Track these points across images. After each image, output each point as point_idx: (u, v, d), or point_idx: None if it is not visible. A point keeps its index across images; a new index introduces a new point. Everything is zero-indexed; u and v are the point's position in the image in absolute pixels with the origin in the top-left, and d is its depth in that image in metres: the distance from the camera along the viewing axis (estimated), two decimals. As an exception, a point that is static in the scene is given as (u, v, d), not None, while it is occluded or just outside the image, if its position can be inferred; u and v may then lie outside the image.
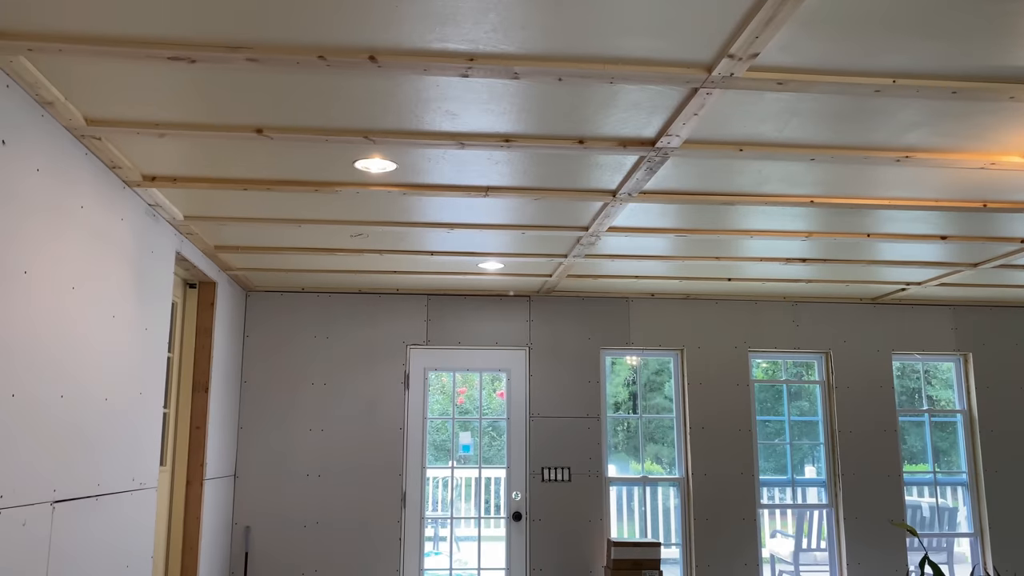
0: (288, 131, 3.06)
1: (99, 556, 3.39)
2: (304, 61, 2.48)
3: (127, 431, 3.68)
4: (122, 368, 3.61)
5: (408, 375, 6.18)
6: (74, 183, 3.08)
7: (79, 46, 2.38)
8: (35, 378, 2.79)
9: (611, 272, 5.56)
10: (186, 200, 3.93)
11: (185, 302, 5.10)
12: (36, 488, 2.82)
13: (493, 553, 6.32)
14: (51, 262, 2.89)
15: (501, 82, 2.67)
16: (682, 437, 6.37)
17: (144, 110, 2.89)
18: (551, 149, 3.19)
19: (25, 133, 2.69)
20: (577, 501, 6.11)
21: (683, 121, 2.92)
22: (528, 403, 6.22)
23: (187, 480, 4.91)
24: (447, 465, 6.43)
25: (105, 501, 3.44)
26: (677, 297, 6.44)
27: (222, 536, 5.52)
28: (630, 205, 3.97)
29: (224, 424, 5.48)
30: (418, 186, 3.72)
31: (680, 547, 6.24)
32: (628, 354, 6.53)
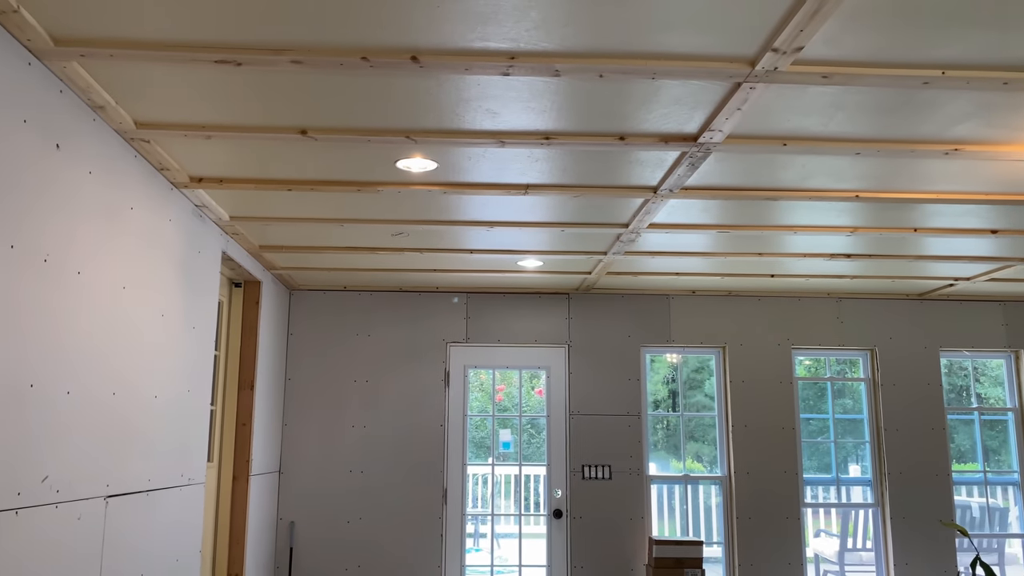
0: (331, 132, 3.10)
1: (150, 550, 3.47)
2: (347, 62, 2.51)
3: (176, 428, 3.76)
4: (171, 366, 3.69)
5: (448, 372, 6.22)
6: (124, 185, 3.15)
7: (129, 51, 2.44)
8: (89, 376, 2.87)
9: (651, 269, 5.52)
10: (232, 201, 3.99)
11: (231, 301, 5.19)
12: (90, 483, 2.90)
13: (534, 550, 6.33)
14: (103, 263, 2.97)
15: (542, 80, 2.67)
16: (724, 435, 6.31)
17: (191, 113, 2.95)
18: (591, 146, 3.19)
19: (78, 137, 2.76)
20: (618, 499, 6.10)
21: (726, 116, 2.89)
22: (568, 401, 6.21)
23: (233, 476, 5.00)
24: (487, 462, 6.46)
25: (155, 496, 3.52)
26: (719, 294, 6.38)
27: (267, 531, 5.61)
28: (671, 201, 3.94)
29: (269, 421, 5.57)
30: (458, 185, 3.74)
31: (722, 546, 6.19)
32: (669, 352, 6.49)
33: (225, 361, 5.07)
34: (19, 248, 2.41)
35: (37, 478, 2.53)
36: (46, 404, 2.57)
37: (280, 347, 5.89)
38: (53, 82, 2.59)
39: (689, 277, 5.74)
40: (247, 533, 5.01)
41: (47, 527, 2.60)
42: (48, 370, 2.58)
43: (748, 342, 6.35)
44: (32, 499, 2.50)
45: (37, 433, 2.52)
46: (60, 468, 2.67)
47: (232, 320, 5.17)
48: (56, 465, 2.65)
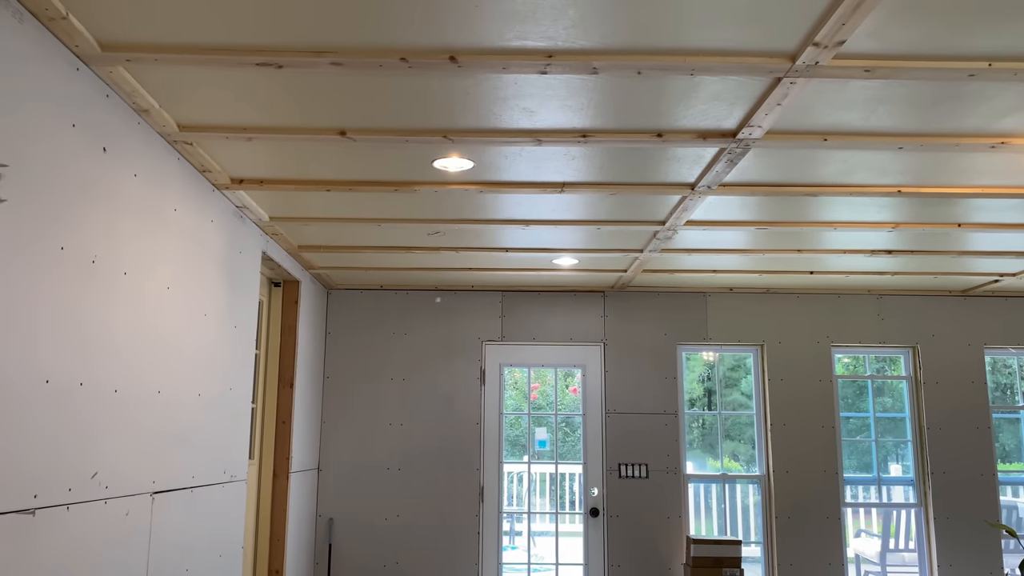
0: (370, 132, 3.12)
1: (195, 545, 3.53)
2: (386, 63, 2.53)
3: (219, 425, 3.82)
4: (213, 364, 3.75)
5: (484, 371, 6.24)
6: (167, 187, 3.21)
7: (173, 55, 2.48)
8: (135, 374, 2.93)
9: (688, 266, 5.49)
10: (271, 201, 4.05)
11: (271, 300, 5.25)
12: (137, 479, 2.96)
13: (570, 548, 6.33)
14: (148, 263, 3.03)
15: (579, 78, 2.67)
16: (762, 434, 6.25)
17: (233, 115, 2.99)
18: (628, 143, 3.18)
19: (123, 140, 2.82)
20: (655, 498, 6.07)
21: (765, 112, 2.86)
22: (604, 399, 6.20)
23: (274, 473, 5.07)
24: (521, 460, 6.46)
25: (199, 493, 3.58)
26: (757, 291, 6.32)
27: (307, 528, 5.68)
28: (709, 198, 3.91)
29: (308, 419, 5.63)
30: (494, 183, 3.75)
31: (761, 545, 6.13)
32: (706, 350, 6.44)
33: (265, 360, 5.14)
34: (68, 250, 2.46)
35: (87, 474, 2.59)
36: (95, 402, 2.63)
37: (318, 346, 5.96)
38: (100, 87, 2.64)
39: (726, 274, 5.70)
40: (287, 529, 5.07)
41: (97, 522, 2.66)
42: (96, 369, 2.64)
43: (787, 340, 6.28)
44: (82, 495, 2.56)
45: (86, 430, 2.58)
46: (108, 465, 2.73)
47: (272, 319, 5.23)
48: (105, 462, 2.71)
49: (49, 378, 2.36)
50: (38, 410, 2.31)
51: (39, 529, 2.32)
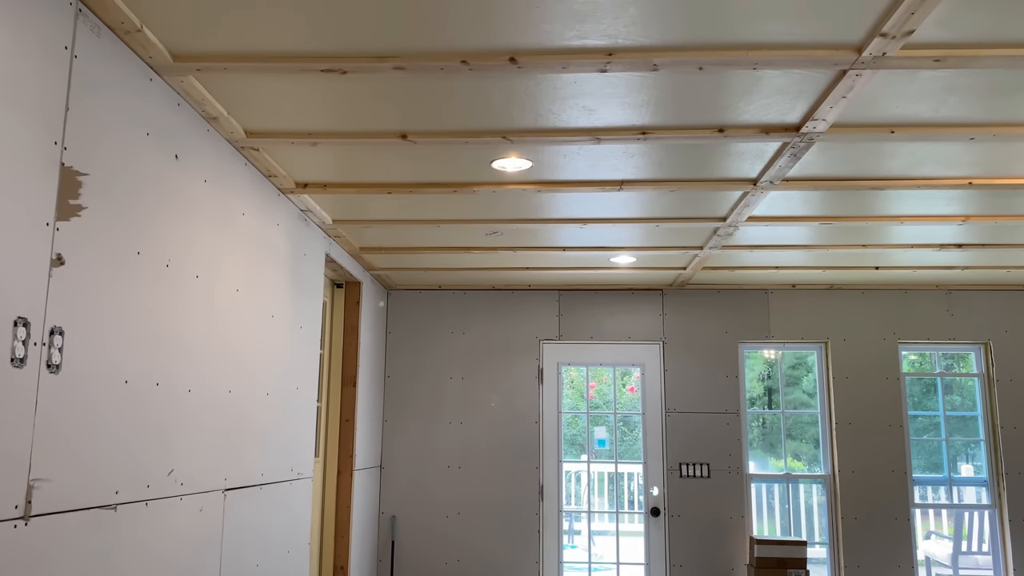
0: (430, 135, 3.16)
1: (264, 541, 3.62)
2: (447, 67, 2.55)
3: (286, 423, 3.91)
4: (281, 364, 3.84)
5: (542, 370, 6.25)
6: (236, 192, 3.30)
7: (241, 63, 2.55)
8: (207, 374, 3.02)
9: (749, 263, 5.41)
10: (334, 205, 4.12)
11: (333, 301, 5.35)
12: (210, 476, 3.05)
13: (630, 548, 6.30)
14: (218, 266, 3.12)
15: (639, 75, 2.66)
16: (827, 433, 6.13)
17: (298, 121, 3.06)
18: (689, 139, 3.15)
19: (194, 147, 2.91)
20: (717, 497, 6.00)
21: (830, 105, 2.81)
22: (663, 398, 6.15)
23: (338, 470, 5.16)
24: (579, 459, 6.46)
25: (268, 490, 3.67)
26: (820, 288, 6.20)
27: (370, 525, 5.77)
28: (771, 193, 3.86)
29: (370, 417, 5.72)
30: (552, 183, 3.76)
31: (826, 547, 6.02)
32: (768, 347, 6.34)
33: (329, 359, 5.24)
34: (144, 255, 2.55)
35: (163, 471, 2.68)
36: (170, 401, 2.72)
37: (379, 345, 6.05)
38: (171, 96, 2.73)
39: (789, 271, 5.60)
40: (352, 526, 5.16)
41: (173, 518, 2.75)
42: (171, 369, 2.73)
43: (852, 337, 6.15)
44: (159, 491, 2.65)
45: (162, 429, 2.67)
46: (183, 462, 2.82)
47: (335, 320, 5.33)
48: (180, 459, 2.80)
49: (128, 379, 2.45)
50: (118, 410, 2.40)
51: (120, 524, 2.41)
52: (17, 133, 1.95)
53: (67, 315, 2.14)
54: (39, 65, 2.04)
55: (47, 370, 2.06)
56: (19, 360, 1.95)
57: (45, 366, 2.05)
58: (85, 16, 2.23)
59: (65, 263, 2.14)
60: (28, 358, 1.98)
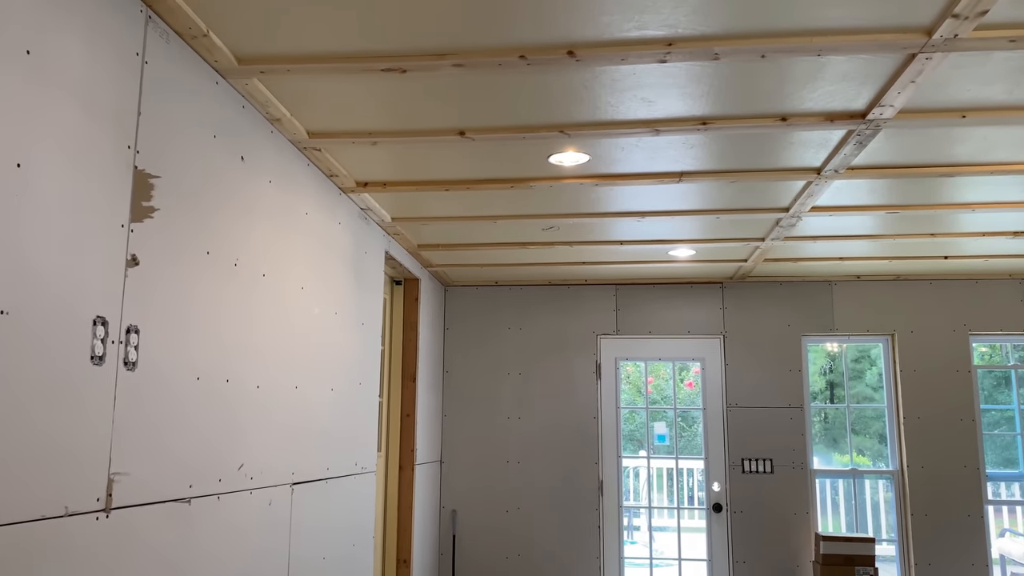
0: (487, 131, 3.17)
1: (331, 534, 3.69)
2: (506, 62, 2.56)
3: (350, 419, 3.98)
4: (344, 361, 3.90)
5: (599, 365, 6.22)
6: (299, 192, 3.36)
7: (304, 65, 2.59)
8: (275, 371, 3.08)
9: (812, 255, 5.30)
10: (393, 203, 4.17)
11: (392, 298, 5.42)
12: (278, 471, 3.11)
13: (691, 544, 6.24)
14: (284, 265, 3.18)
15: (699, 64, 2.63)
16: (895, 427, 5.97)
17: (358, 121, 3.10)
18: (750, 129, 3.10)
19: (258, 149, 2.97)
20: (781, 493, 5.90)
21: (898, 90, 2.73)
22: (724, 392, 6.07)
23: (400, 465, 5.22)
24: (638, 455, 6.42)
25: (334, 484, 3.73)
26: (886, 279, 6.04)
27: (432, 519, 5.82)
28: (836, 182, 3.77)
29: (430, 412, 5.78)
30: (610, 176, 3.74)
31: (895, 544, 5.87)
32: (831, 341, 6.20)
33: (389, 356, 5.30)
34: (213, 254, 2.62)
35: (234, 466, 2.74)
36: (240, 397, 2.79)
37: (437, 341, 6.10)
38: (236, 98, 2.79)
39: (853, 262, 5.47)
40: (414, 520, 5.22)
41: (243, 511, 2.81)
42: (241, 366, 2.79)
43: (920, 329, 5.97)
44: (231, 485, 2.72)
45: (233, 424, 2.74)
46: (253, 457, 2.89)
47: (394, 316, 5.39)
48: (249, 454, 2.86)
49: (200, 375, 2.51)
50: (191, 406, 2.47)
51: (194, 516, 2.48)
52: (95, 139, 2.02)
53: (142, 314, 2.21)
54: (113, 72, 2.10)
55: (124, 367, 2.13)
56: (98, 358, 2.02)
57: (122, 363, 2.12)
58: (155, 23, 2.29)
59: (139, 263, 2.20)
60: (107, 356, 2.05)
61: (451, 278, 6.14)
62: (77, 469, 1.93)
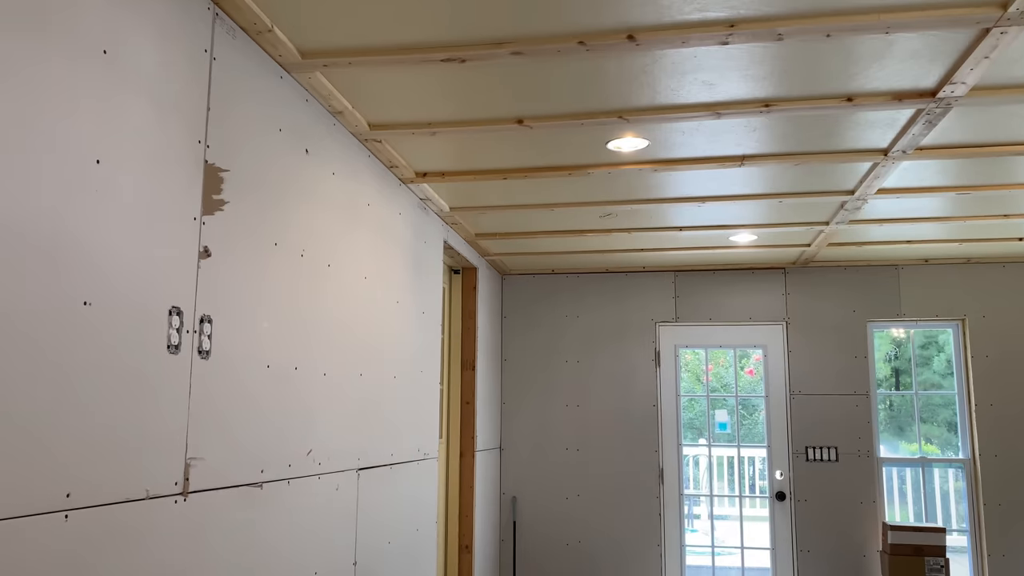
0: (546, 119, 3.17)
1: (395, 519, 3.75)
2: (564, 48, 2.55)
3: (412, 406, 4.03)
4: (406, 349, 3.95)
5: (659, 352, 6.18)
6: (361, 183, 3.41)
7: (365, 57, 2.63)
8: (340, 359, 3.14)
9: (878, 238, 5.17)
10: (451, 192, 4.20)
11: (451, 287, 5.46)
12: (345, 457, 3.18)
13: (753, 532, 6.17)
14: (347, 255, 3.23)
15: (762, 45, 2.58)
16: (966, 415, 5.80)
17: (418, 112, 3.13)
18: (815, 110, 3.03)
19: (321, 141, 3.02)
20: (846, 481, 5.79)
21: (970, 66, 2.65)
22: (788, 380, 5.97)
23: (460, 452, 5.28)
24: (697, 443, 6.36)
25: (397, 470, 3.79)
26: (956, 262, 5.86)
27: (492, 505, 5.88)
28: (903, 163, 3.67)
29: (489, 400, 5.82)
30: (669, 161, 3.70)
31: (966, 534, 5.71)
32: (898, 326, 6.05)
33: (448, 344, 5.35)
34: (280, 245, 2.68)
35: (303, 452, 2.81)
36: (307, 385, 2.85)
37: (495, 329, 6.13)
38: (300, 92, 2.84)
39: (921, 245, 5.32)
40: (475, 506, 5.27)
41: (312, 495, 2.88)
42: (308, 354, 2.86)
43: (992, 313, 5.78)
44: (300, 471, 2.79)
45: (301, 411, 2.81)
46: (320, 443, 2.96)
47: (452, 305, 5.44)
48: (317, 440, 2.93)
49: (270, 363, 2.58)
50: (262, 393, 2.53)
51: (266, 500, 2.55)
52: (168, 135, 2.08)
53: (214, 304, 2.28)
54: (183, 69, 2.16)
55: (198, 356, 2.20)
56: (174, 347, 2.09)
57: (197, 352, 2.19)
58: (221, 20, 2.35)
59: (211, 255, 2.27)
60: (182, 345, 2.12)
61: (508, 267, 6.16)
62: (156, 454, 2.01)
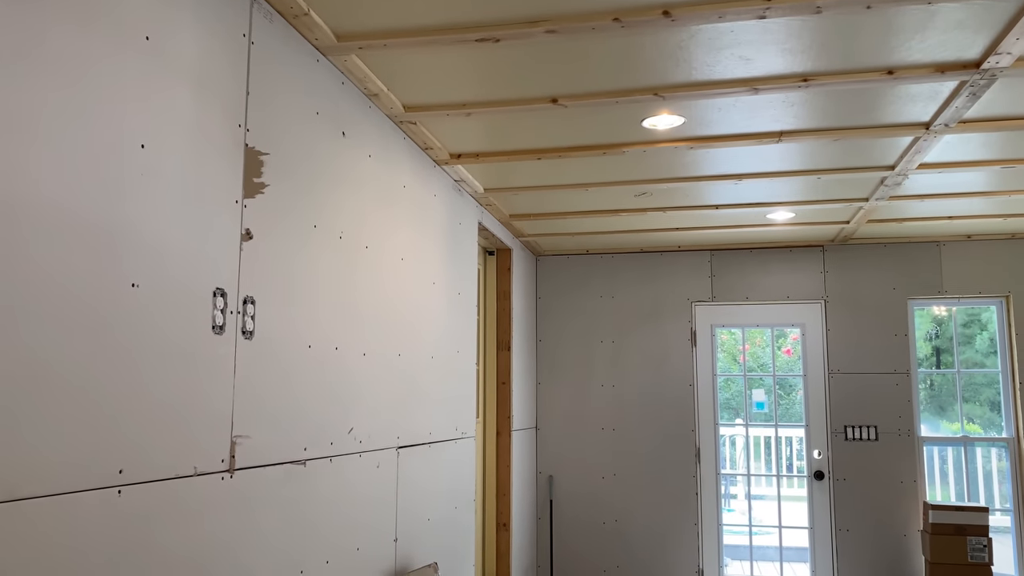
0: (580, 97, 3.16)
1: (434, 496, 3.80)
2: (599, 26, 2.54)
3: (449, 385, 4.07)
4: (443, 329, 3.98)
5: (695, 332, 6.15)
6: (397, 165, 3.43)
7: (400, 39, 2.64)
8: (379, 339, 3.18)
9: (919, 214, 5.08)
10: (485, 174, 4.21)
11: (485, 268, 5.48)
12: (385, 435, 3.22)
13: (791, 512, 6.14)
14: (384, 237, 3.26)
15: (800, 19, 2.54)
16: (1010, 393, 5.71)
17: (452, 93, 3.13)
18: (854, 84, 2.99)
19: (358, 124, 3.05)
20: (886, 461, 5.74)
21: (1016, 36, 2.58)
22: (826, 358, 5.92)
23: (497, 431, 5.32)
24: (734, 423, 6.33)
25: (436, 448, 3.84)
26: (1000, 237, 5.74)
27: (528, 484, 5.92)
28: (946, 137, 3.60)
29: (524, 380, 5.85)
30: (705, 138, 3.67)
31: (1010, 514, 5.63)
32: (940, 303, 5.96)
33: (483, 325, 5.38)
34: (319, 227, 2.71)
35: (344, 430, 2.86)
36: (347, 365, 2.90)
37: (530, 310, 6.15)
38: (336, 75, 2.87)
39: (964, 220, 5.22)
40: (512, 485, 5.32)
41: (353, 473, 2.93)
42: (348, 335, 2.90)
43: (1038, 290, 5.66)
44: (341, 448, 2.84)
45: (341, 390, 2.85)
46: (361, 421, 3.00)
47: (487, 286, 5.46)
48: (358, 419, 2.98)
49: (311, 344, 2.62)
50: (303, 373, 2.58)
51: (309, 477, 2.60)
52: (209, 119, 2.12)
53: (256, 285, 2.32)
54: (223, 53, 2.19)
55: (242, 336, 2.24)
56: (219, 327, 2.14)
57: (240, 333, 2.23)
58: (259, 4, 2.37)
59: (253, 237, 2.31)
60: (226, 326, 2.17)
61: (542, 247, 6.16)
62: (203, 432, 2.06)
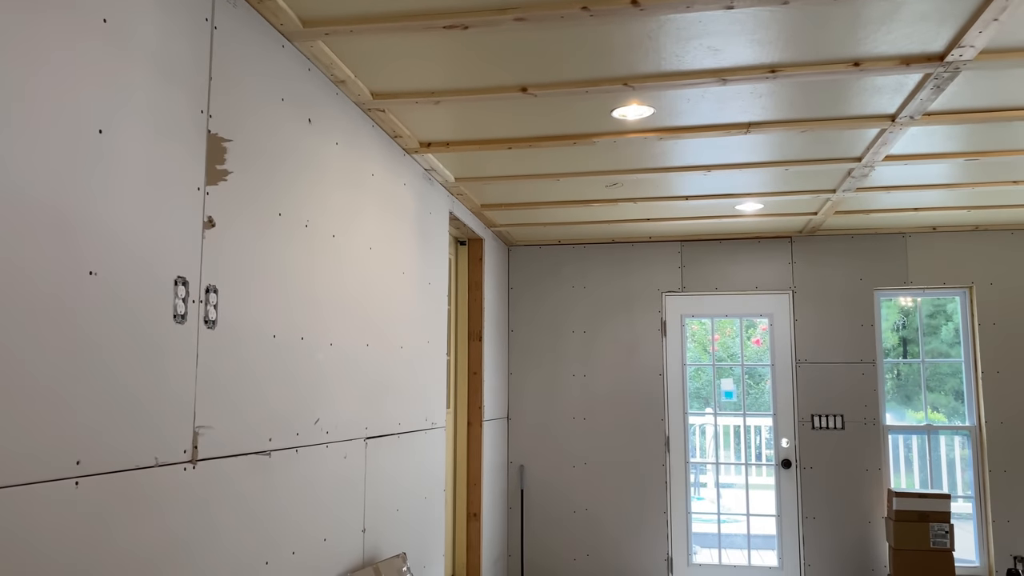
0: (550, 87, 3.15)
1: (403, 487, 3.79)
2: (568, 14, 2.53)
3: (419, 376, 4.06)
4: (412, 319, 3.96)
5: (665, 322, 6.19)
6: (365, 153, 3.40)
7: (366, 25, 2.61)
8: (347, 329, 3.16)
9: (885, 206, 5.15)
10: (456, 163, 4.19)
11: (457, 258, 5.46)
12: (352, 426, 3.20)
13: (759, 500, 6.22)
14: (352, 226, 3.23)
15: (768, 9, 2.55)
16: (972, 382, 5.81)
17: (421, 80, 3.11)
18: (821, 76, 3.01)
19: (324, 111, 3.01)
20: (852, 449, 5.82)
21: (979, 29, 2.61)
22: (794, 348, 5.98)
23: (468, 421, 5.31)
24: (704, 412, 6.39)
25: (405, 439, 3.83)
26: (964, 229, 5.83)
27: (500, 474, 5.93)
28: (911, 129, 3.64)
29: (496, 370, 5.85)
30: (675, 129, 3.68)
31: (972, 501, 5.74)
32: (906, 294, 6.04)
33: (455, 315, 5.37)
34: (285, 216, 2.68)
35: (310, 421, 2.84)
36: (314, 354, 2.87)
37: (502, 300, 6.14)
38: (302, 61, 2.83)
39: (929, 212, 5.29)
40: (483, 475, 5.32)
41: (320, 463, 2.91)
42: (314, 325, 2.87)
43: (1000, 281, 5.76)
44: (308, 439, 2.81)
45: (307, 381, 2.83)
46: (327, 412, 2.98)
47: (459, 276, 5.45)
48: (324, 410, 2.95)
49: (276, 333, 2.59)
50: (268, 362, 2.55)
51: (275, 468, 2.58)
52: (170, 104, 2.08)
53: (219, 274, 2.29)
54: (184, 37, 2.15)
55: (205, 326, 2.21)
56: (180, 316, 2.10)
57: (203, 322, 2.20)
58: (222, -12, 2.33)
59: (215, 225, 2.27)
60: (188, 315, 2.13)
61: (514, 238, 6.16)
62: (165, 423, 2.03)
